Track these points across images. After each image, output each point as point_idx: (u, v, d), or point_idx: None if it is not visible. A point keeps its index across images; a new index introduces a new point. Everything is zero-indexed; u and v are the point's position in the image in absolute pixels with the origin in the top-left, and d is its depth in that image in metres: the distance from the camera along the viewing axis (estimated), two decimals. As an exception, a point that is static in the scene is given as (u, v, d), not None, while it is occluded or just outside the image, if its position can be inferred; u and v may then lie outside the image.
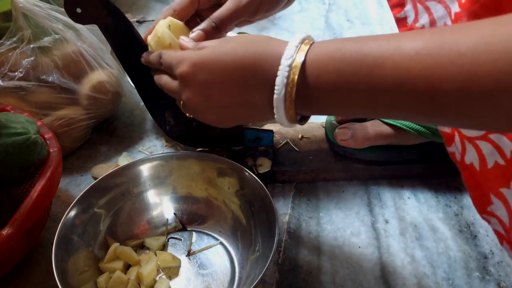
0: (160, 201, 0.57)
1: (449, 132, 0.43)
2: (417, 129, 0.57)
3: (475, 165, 0.41)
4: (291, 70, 0.34)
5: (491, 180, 0.39)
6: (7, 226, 0.44)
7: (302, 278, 0.51)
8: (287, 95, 0.35)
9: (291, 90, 0.35)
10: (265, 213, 0.49)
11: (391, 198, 0.60)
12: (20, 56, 0.61)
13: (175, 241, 0.55)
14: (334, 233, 0.56)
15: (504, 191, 0.38)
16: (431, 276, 0.51)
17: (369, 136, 0.59)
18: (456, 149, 0.43)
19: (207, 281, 0.50)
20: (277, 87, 0.35)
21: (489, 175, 0.39)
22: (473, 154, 0.40)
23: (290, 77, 0.34)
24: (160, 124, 0.62)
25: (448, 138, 0.43)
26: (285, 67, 0.35)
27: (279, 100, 0.36)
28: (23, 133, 0.50)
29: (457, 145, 0.42)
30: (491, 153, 0.39)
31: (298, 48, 0.35)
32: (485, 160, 0.40)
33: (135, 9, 1.08)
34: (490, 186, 0.40)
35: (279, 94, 0.35)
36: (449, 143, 0.43)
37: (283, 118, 0.37)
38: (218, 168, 0.55)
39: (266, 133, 0.62)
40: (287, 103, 0.35)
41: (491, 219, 0.41)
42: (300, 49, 0.35)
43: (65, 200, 0.61)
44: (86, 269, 0.49)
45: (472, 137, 0.40)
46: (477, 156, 0.40)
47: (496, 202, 0.39)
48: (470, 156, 0.41)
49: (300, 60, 0.34)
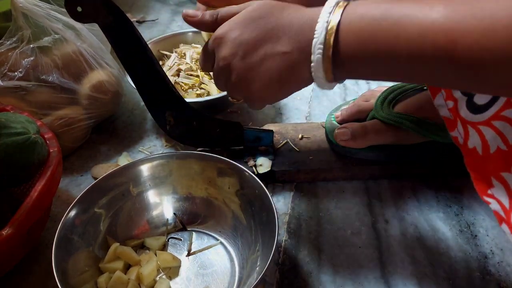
0: (160, 201, 0.56)
1: (451, 118, 0.44)
2: (417, 129, 0.57)
3: (478, 150, 0.41)
4: (327, 32, 0.36)
5: (493, 164, 0.40)
6: (7, 226, 0.44)
7: (302, 278, 0.51)
8: (326, 44, 0.37)
9: (328, 44, 0.37)
10: (265, 213, 0.49)
11: (391, 198, 0.60)
12: (20, 56, 0.61)
13: (175, 241, 0.55)
14: (334, 233, 0.56)
15: (505, 175, 0.39)
16: (432, 276, 0.51)
17: (369, 136, 0.59)
18: (458, 134, 0.43)
19: (207, 281, 0.50)
20: (316, 34, 0.37)
21: (491, 159, 0.40)
22: (476, 138, 0.41)
23: (327, 35, 0.36)
24: (160, 124, 0.62)
25: (450, 124, 0.44)
26: (325, 18, 0.37)
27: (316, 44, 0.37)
28: (23, 133, 0.49)
29: (459, 130, 0.43)
30: (493, 139, 0.40)
31: (334, 9, 0.37)
32: (488, 145, 0.40)
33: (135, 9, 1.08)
34: (492, 169, 0.40)
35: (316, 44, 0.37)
36: (451, 128, 0.44)
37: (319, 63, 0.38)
38: (218, 168, 0.55)
39: (266, 133, 0.62)
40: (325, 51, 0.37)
41: (492, 201, 0.41)
42: (335, 11, 0.37)
43: (65, 200, 0.61)
44: (86, 269, 0.49)
45: (475, 122, 0.41)
46: (480, 141, 0.41)
47: (497, 185, 0.40)
48: (473, 140, 0.42)
49: (335, 22, 0.36)
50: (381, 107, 0.60)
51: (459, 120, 0.43)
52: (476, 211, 0.58)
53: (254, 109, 0.46)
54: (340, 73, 0.39)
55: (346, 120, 0.63)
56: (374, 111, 0.61)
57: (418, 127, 0.57)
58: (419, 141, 0.60)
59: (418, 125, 0.57)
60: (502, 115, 0.39)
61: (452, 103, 0.43)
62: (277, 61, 0.40)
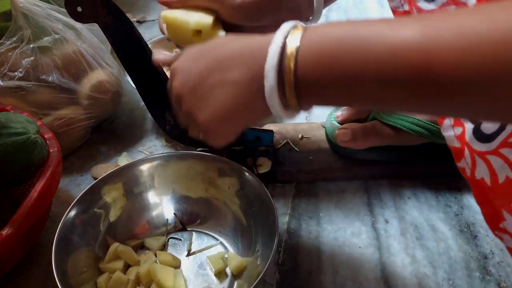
0: (160, 201, 0.56)
1: (458, 147, 0.41)
2: (417, 131, 0.57)
3: (486, 180, 0.39)
4: (286, 56, 0.32)
5: (502, 195, 0.38)
6: (7, 226, 0.44)
7: (302, 278, 0.51)
8: (283, 70, 0.33)
9: (286, 71, 0.33)
10: (265, 213, 0.49)
11: (391, 198, 0.60)
12: (20, 56, 0.61)
13: (175, 241, 0.55)
14: (334, 233, 0.56)
15: None
16: (432, 276, 0.51)
17: (370, 137, 0.59)
18: (466, 165, 0.41)
19: (207, 281, 0.50)
20: (268, 62, 0.33)
21: (501, 190, 0.38)
22: (483, 168, 0.39)
23: (285, 58, 0.32)
24: (160, 124, 0.62)
25: (457, 153, 0.42)
26: (277, 47, 0.33)
27: (269, 70, 0.33)
28: (23, 133, 0.49)
29: (467, 160, 0.41)
30: (501, 168, 0.37)
31: (290, 32, 0.33)
32: (496, 175, 0.38)
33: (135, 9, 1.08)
34: (502, 201, 0.38)
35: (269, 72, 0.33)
36: (458, 158, 0.42)
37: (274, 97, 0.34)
38: (218, 168, 0.55)
39: (266, 133, 0.61)
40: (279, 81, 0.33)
41: (504, 236, 0.39)
42: (291, 34, 0.33)
43: (65, 200, 0.61)
44: (86, 269, 0.49)
45: (483, 151, 0.39)
46: (487, 171, 0.39)
47: (508, 218, 0.38)
48: (480, 171, 0.39)
49: (294, 44, 0.32)
50: (381, 108, 0.60)
51: (466, 148, 0.40)
52: (476, 211, 0.58)
53: (214, 147, 0.43)
54: (303, 100, 0.34)
55: (346, 121, 0.63)
56: (375, 112, 0.61)
57: (418, 129, 0.57)
58: (419, 142, 0.60)
59: (418, 127, 0.57)
60: (510, 141, 0.36)
61: (460, 130, 0.40)
62: (226, 90, 0.37)
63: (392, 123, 0.58)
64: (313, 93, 0.33)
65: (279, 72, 0.33)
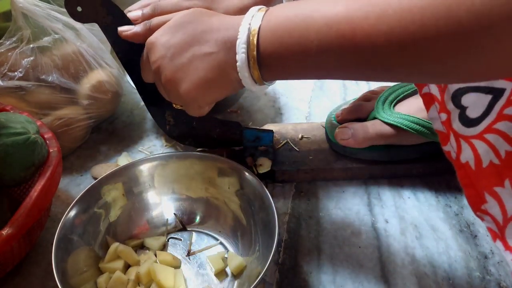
0: (160, 201, 0.56)
1: (444, 132, 0.43)
2: (417, 129, 0.57)
3: (471, 164, 0.41)
4: (251, 33, 0.38)
5: (485, 179, 0.40)
6: (7, 226, 0.44)
7: (302, 278, 0.51)
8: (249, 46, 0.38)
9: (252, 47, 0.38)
10: (265, 213, 0.49)
11: (391, 198, 0.60)
12: (20, 56, 0.61)
13: (175, 241, 0.55)
14: (334, 232, 0.56)
15: (498, 190, 0.39)
16: (432, 275, 0.51)
17: (369, 136, 0.59)
18: (451, 148, 0.43)
19: (207, 281, 0.50)
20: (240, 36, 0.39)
21: (484, 174, 0.40)
22: (468, 153, 0.41)
23: (250, 35, 0.38)
24: (160, 124, 0.62)
25: (443, 137, 0.44)
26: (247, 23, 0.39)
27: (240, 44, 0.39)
28: (23, 133, 0.49)
29: (452, 144, 0.43)
30: (486, 153, 0.39)
31: (256, 14, 0.39)
32: (480, 160, 0.40)
33: (134, 9, 1.08)
34: (485, 185, 0.40)
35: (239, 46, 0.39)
36: (444, 142, 0.44)
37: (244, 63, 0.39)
38: (218, 168, 0.55)
39: (266, 133, 0.61)
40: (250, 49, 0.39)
41: (485, 217, 0.41)
42: (257, 15, 0.39)
43: (65, 200, 0.61)
44: (86, 269, 0.49)
45: (468, 135, 0.40)
46: (472, 155, 0.40)
47: (490, 201, 0.40)
48: (465, 155, 0.41)
49: (257, 24, 0.38)
50: (382, 107, 0.60)
51: (452, 134, 0.42)
52: (476, 211, 0.58)
53: (192, 115, 0.47)
54: (266, 73, 0.40)
55: (346, 120, 0.63)
56: (375, 111, 0.61)
57: (418, 128, 0.57)
58: (419, 141, 0.60)
59: (418, 126, 0.57)
60: (495, 128, 0.38)
61: (445, 116, 0.42)
62: (204, 61, 0.41)
63: (392, 122, 0.58)
64: (272, 65, 0.39)
65: (248, 48, 0.38)
